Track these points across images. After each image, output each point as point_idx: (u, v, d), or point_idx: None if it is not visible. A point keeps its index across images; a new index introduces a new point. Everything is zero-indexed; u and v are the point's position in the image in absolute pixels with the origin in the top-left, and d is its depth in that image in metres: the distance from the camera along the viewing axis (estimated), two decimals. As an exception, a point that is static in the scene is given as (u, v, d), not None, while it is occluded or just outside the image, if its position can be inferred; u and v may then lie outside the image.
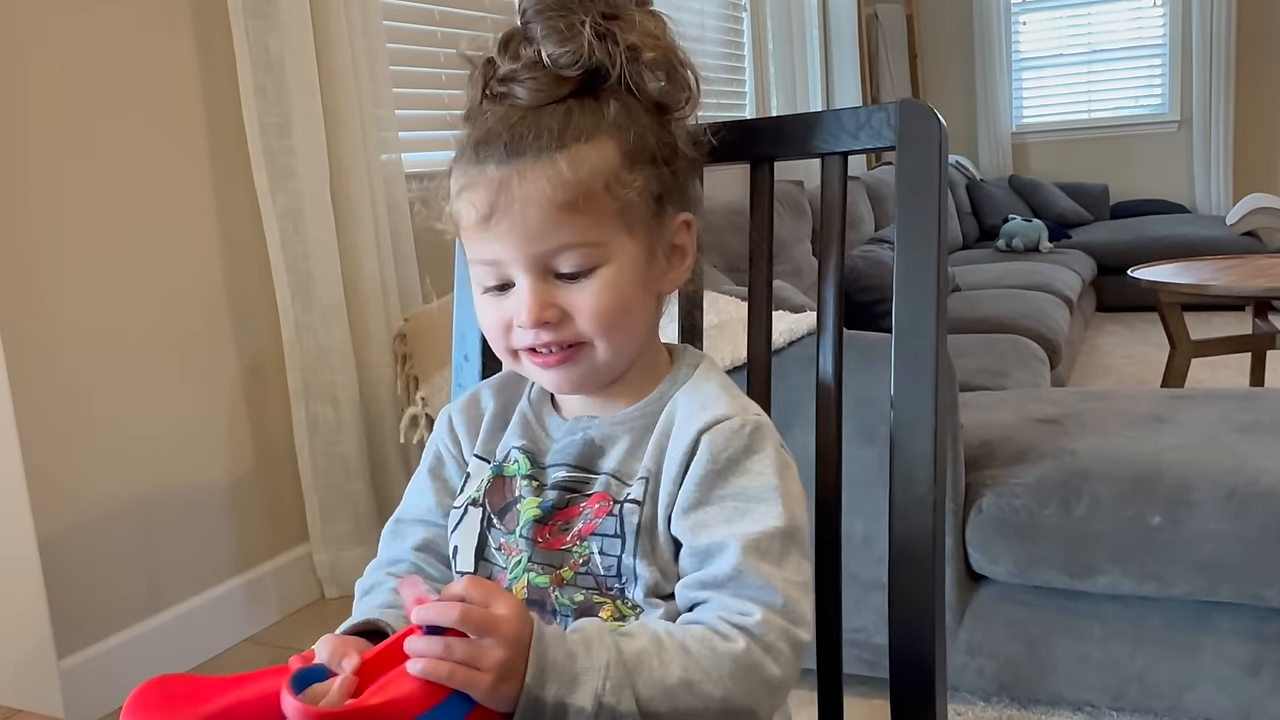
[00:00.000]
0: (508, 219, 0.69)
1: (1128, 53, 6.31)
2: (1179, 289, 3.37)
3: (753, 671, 0.64)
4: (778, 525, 0.68)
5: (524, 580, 0.73)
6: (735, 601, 0.66)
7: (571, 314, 0.71)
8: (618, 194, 0.71)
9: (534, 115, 0.71)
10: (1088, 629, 1.69)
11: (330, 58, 2.28)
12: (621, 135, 0.71)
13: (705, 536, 0.68)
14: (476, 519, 0.76)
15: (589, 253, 0.70)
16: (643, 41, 0.72)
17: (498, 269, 0.72)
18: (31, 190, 1.85)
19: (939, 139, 0.77)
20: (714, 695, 0.63)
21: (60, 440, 1.89)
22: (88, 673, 1.90)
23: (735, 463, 0.70)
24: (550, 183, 0.69)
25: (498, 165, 0.70)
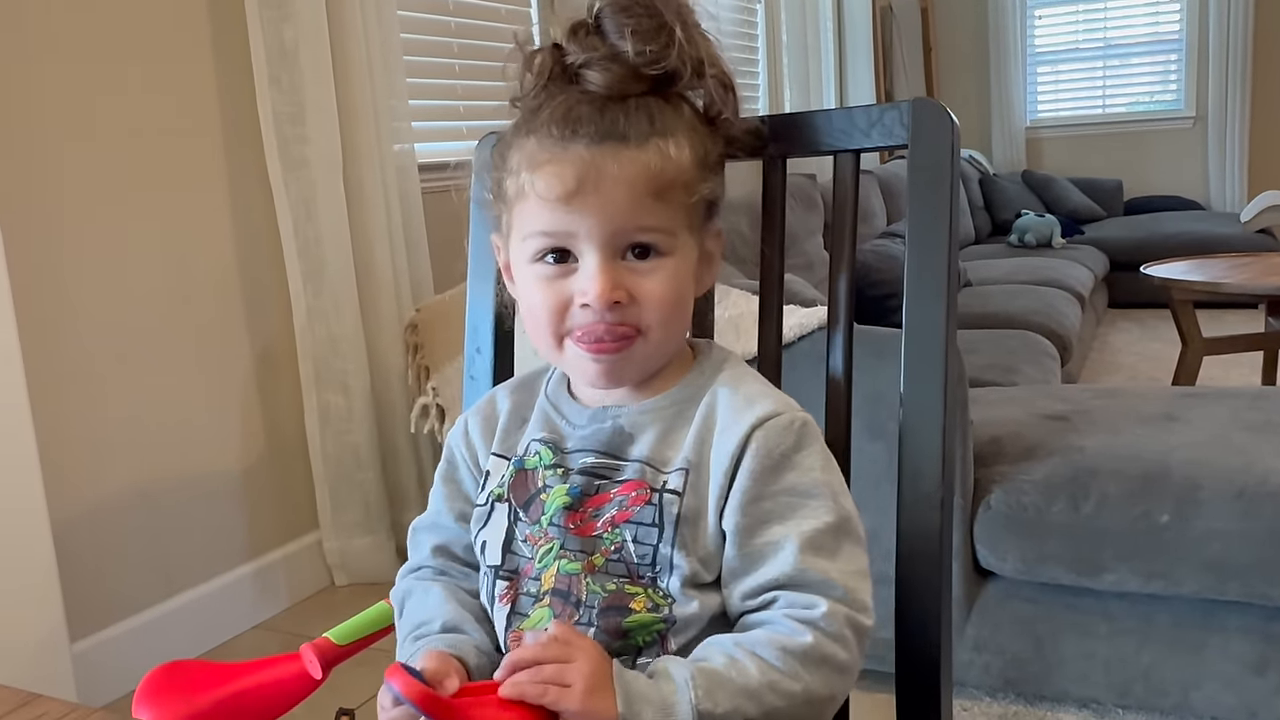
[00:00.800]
0: (596, 196, 0.71)
1: (1143, 48, 6.28)
2: (1192, 286, 3.36)
3: (825, 662, 0.66)
4: (830, 520, 0.70)
5: (554, 568, 0.73)
6: (800, 596, 0.68)
7: (637, 298, 0.72)
8: (691, 192, 0.74)
9: (620, 105, 0.73)
10: (1094, 626, 1.69)
11: (345, 48, 2.29)
12: (695, 139, 0.75)
13: (761, 536, 0.70)
14: (503, 514, 0.77)
15: (663, 240, 0.73)
16: (708, 57, 0.75)
17: (565, 240, 0.72)
18: (48, 178, 1.87)
19: (951, 137, 0.77)
20: (795, 690, 0.65)
21: (74, 427, 1.91)
22: (100, 657, 1.92)
23: (787, 459, 0.71)
24: (642, 169, 0.71)
25: (588, 145, 0.71)
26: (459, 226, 0.97)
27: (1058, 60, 6.47)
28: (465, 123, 2.92)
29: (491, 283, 0.94)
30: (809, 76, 5.03)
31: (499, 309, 0.94)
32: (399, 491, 2.48)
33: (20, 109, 1.82)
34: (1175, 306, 3.41)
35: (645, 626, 0.71)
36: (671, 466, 0.73)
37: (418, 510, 0.88)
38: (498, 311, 0.94)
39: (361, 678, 1.92)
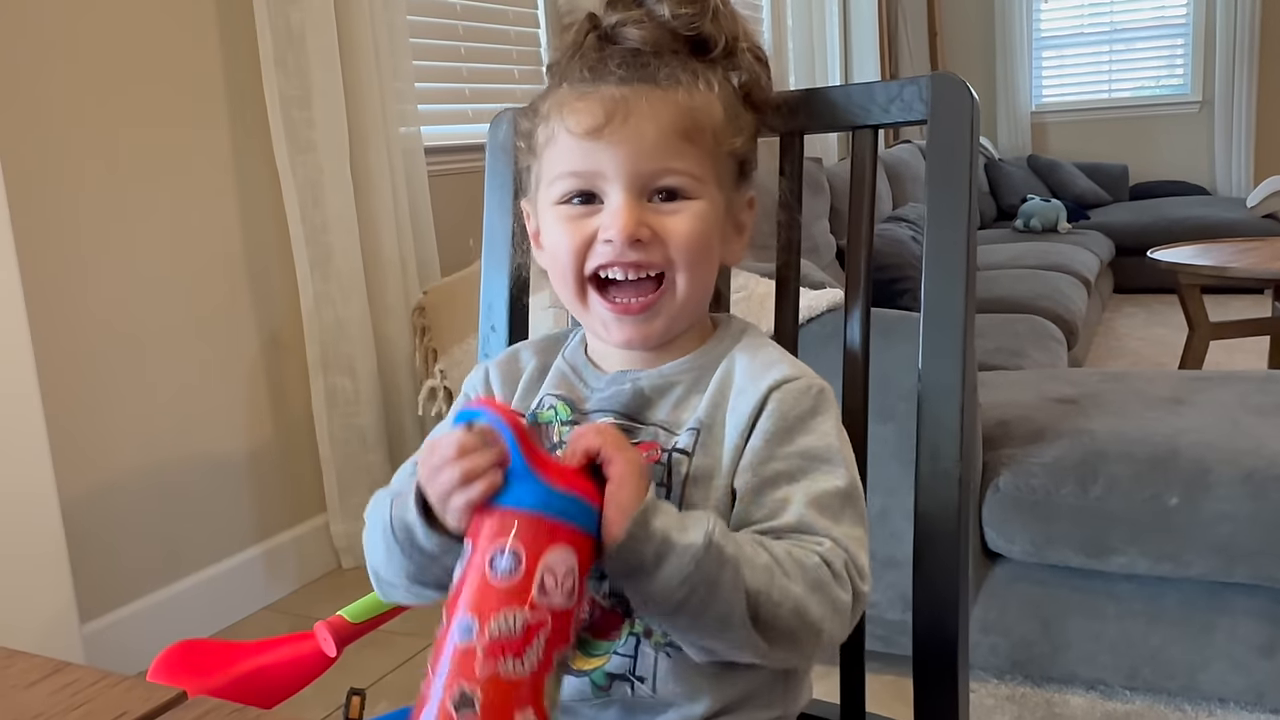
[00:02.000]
0: (623, 131, 0.71)
1: (1150, 32, 6.24)
2: (1199, 271, 3.35)
3: (824, 588, 0.66)
4: (840, 485, 0.70)
5: None
6: (805, 537, 0.68)
7: (661, 236, 0.72)
8: (720, 142, 0.74)
9: (654, 55, 0.74)
10: (1102, 608, 1.70)
11: (351, 30, 2.28)
12: (726, 96, 0.75)
13: (769, 494, 0.70)
14: None
15: (689, 182, 0.73)
16: (743, 31, 0.77)
17: (591, 181, 0.73)
18: (57, 163, 1.86)
19: (971, 113, 0.77)
20: (793, 591, 0.64)
21: (83, 410, 1.91)
22: (110, 638, 1.93)
23: (802, 421, 0.71)
24: (670, 109, 0.72)
25: (617, 84, 0.72)
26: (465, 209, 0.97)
27: (1063, 44, 6.44)
28: (471, 105, 2.91)
29: (506, 260, 0.93)
30: (814, 61, 5.02)
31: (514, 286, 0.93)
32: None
33: (29, 95, 1.81)
34: (1182, 291, 3.40)
35: None
36: (683, 428, 0.73)
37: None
38: (512, 289, 0.93)
39: (371, 658, 1.94)
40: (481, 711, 0.57)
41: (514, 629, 0.58)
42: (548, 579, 0.59)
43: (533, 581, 0.59)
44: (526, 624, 0.58)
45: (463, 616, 0.59)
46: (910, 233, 3.50)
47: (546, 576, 0.59)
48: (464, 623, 0.59)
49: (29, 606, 1.70)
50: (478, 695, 0.57)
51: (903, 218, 3.81)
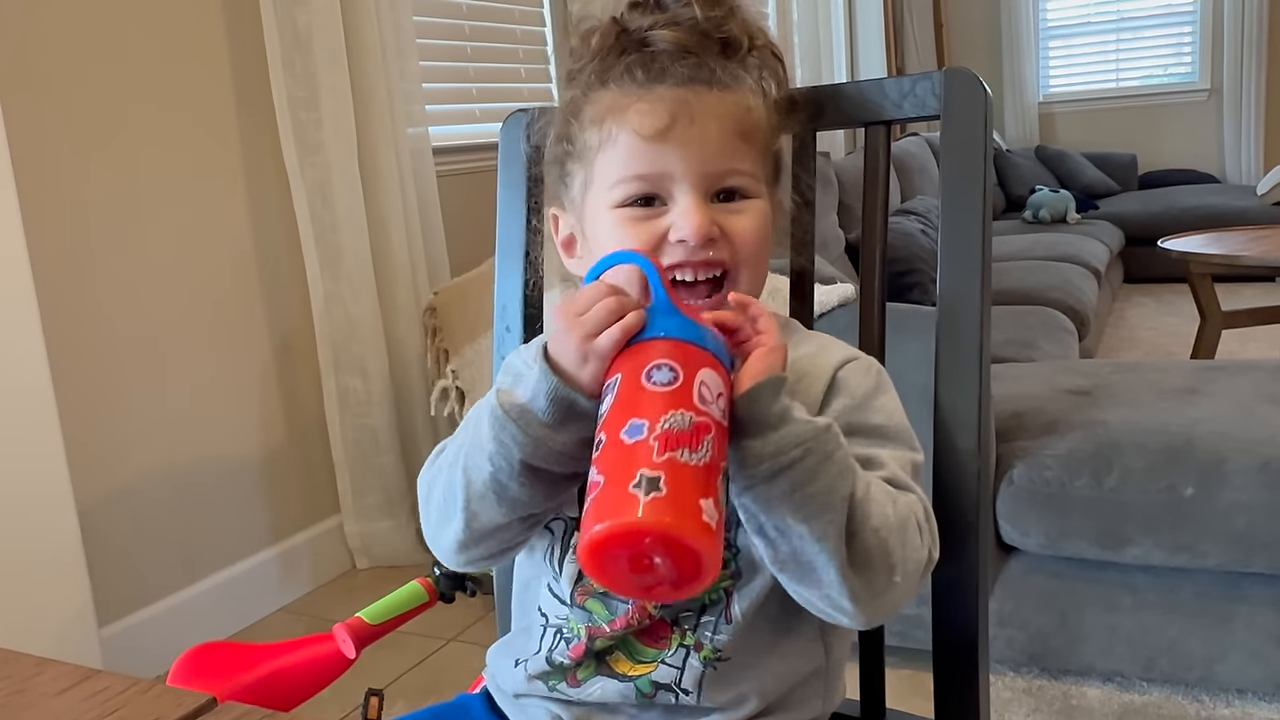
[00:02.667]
0: (690, 133, 0.71)
1: (1157, 20, 6.21)
2: (1210, 260, 3.34)
3: (908, 530, 0.66)
4: (915, 458, 0.71)
5: None
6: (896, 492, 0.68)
7: (729, 235, 0.72)
8: (770, 141, 0.76)
9: (696, 56, 0.74)
10: (1118, 600, 1.69)
11: (357, 32, 2.28)
12: (768, 105, 0.77)
13: (858, 452, 0.68)
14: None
15: (750, 182, 0.74)
16: (759, 30, 0.78)
17: (658, 183, 0.72)
18: (65, 165, 1.87)
19: (984, 108, 0.77)
20: (886, 515, 0.64)
21: (98, 414, 1.92)
22: (128, 641, 1.94)
23: (871, 398, 0.72)
24: (731, 109, 0.73)
25: (673, 86, 0.72)
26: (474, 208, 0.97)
27: (1070, 34, 6.41)
28: (478, 105, 2.91)
29: (520, 261, 0.94)
30: (820, 54, 5.00)
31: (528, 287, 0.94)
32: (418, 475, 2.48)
33: (40, 100, 1.82)
34: (1193, 280, 3.39)
35: (714, 587, 0.70)
36: None
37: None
38: (526, 290, 0.94)
39: (388, 659, 1.94)
40: (668, 492, 0.55)
41: (685, 424, 0.57)
42: (704, 390, 0.59)
43: (693, 389, 0.59)
44: (695, 423, 0.58)
45: (630, 421, 0.58)
46: (919, 226, 3.49)
47: (702, 388, 0.59)
48: (633, 425, 0.58)
49: (47, 611, 1.71)
50: (662, 478, 0.55)
51: (911, 210, 3.81)
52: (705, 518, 0.55)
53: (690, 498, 0.55)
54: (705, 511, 0.55)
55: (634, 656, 0.73)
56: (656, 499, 0.55)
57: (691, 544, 0.55)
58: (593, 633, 0.73)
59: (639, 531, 0.55)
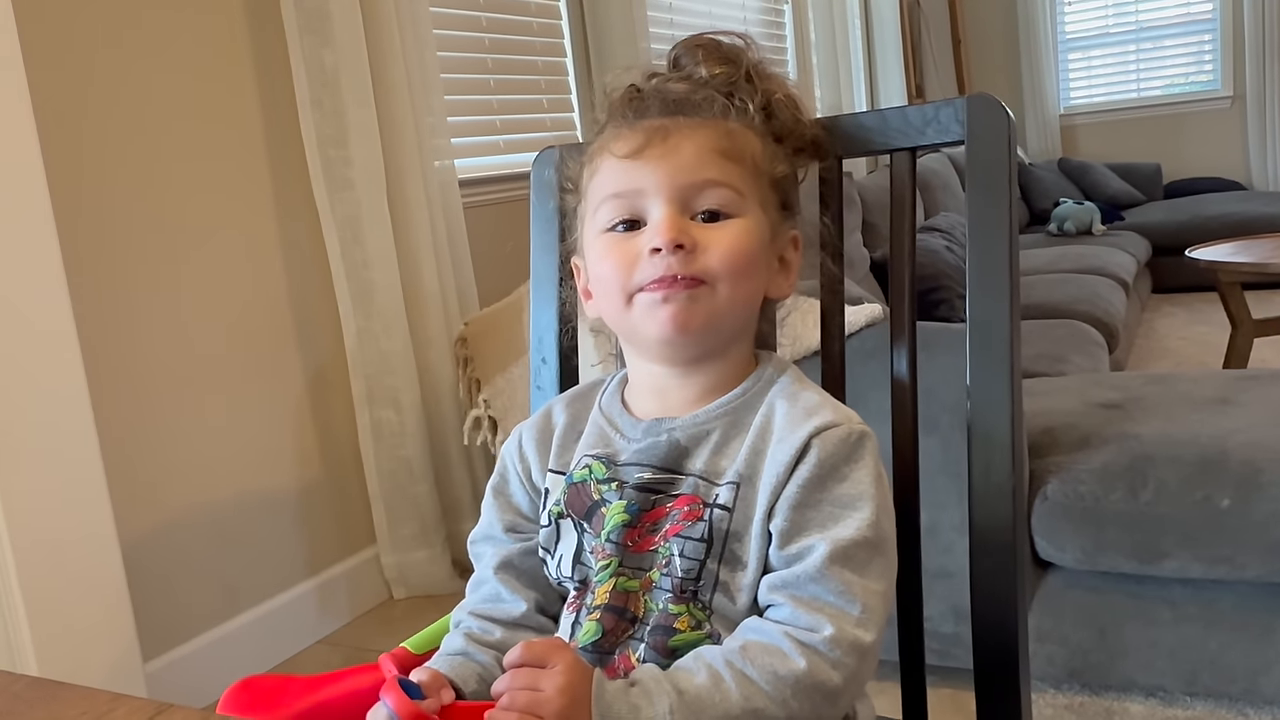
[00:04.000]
0: (662, 148, 0.74)
1: (1177, 29, 6.20)
2: (1239, 268, 3.32)
3: (816, 689, 0.66)
4: (867, 535, 0.69)
5: (610, 584, 0.73)
6: (807, 615, 0.67)
7: (704, 247, 0.73)
8: (760, 167, 0.77)
9: (690, 100, 0.77)
10: (1158, 613, 1.68)
11: (383, 69, 2.32)
12: (763, 138, 0.78)
13: (798, 540, 0.70)
14: (570, 528, 0.78)
15: (731, 196, 0.75)
16: (776, 85, 0.80)
17: (634, 201, 0.75)
18: (104, 208, 1.91)
19: (1008, 133, 0.78)
20: (778, 717, 0.65)
21: (139, 452, 1.95)
22: (172, 675, 1.96)
23: (837, 469, 0.71)
24: (709, 133, 0.75)
25: (657, 116, 0.76)
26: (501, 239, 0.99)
27: (1089, 45, 6.41)
28: (502, 136, 2.95)
29: (554, 293, 0.95)
30: (839, 74, 5.03)
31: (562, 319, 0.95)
32: (453, 504, 2.51)
33: (77, 139, 1.86)
34: (1223, 289, 3.37)
35: (691, 645, 0.71)
36: (723, 479, 0.73)
37: (472, 522, 0.89)
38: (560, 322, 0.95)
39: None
40: None
41: None
42: None
43: None
44: None
45: None
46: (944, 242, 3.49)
47: None
48: None
49: (94, 647, 1.74)
50: None
51: (935, 227, 3.81)
52: None
53: None
54: None
55: None
56: None
57: None
58: None
59: None
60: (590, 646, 0.73)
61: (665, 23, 3.60)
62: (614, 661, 0.73)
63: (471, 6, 2.84)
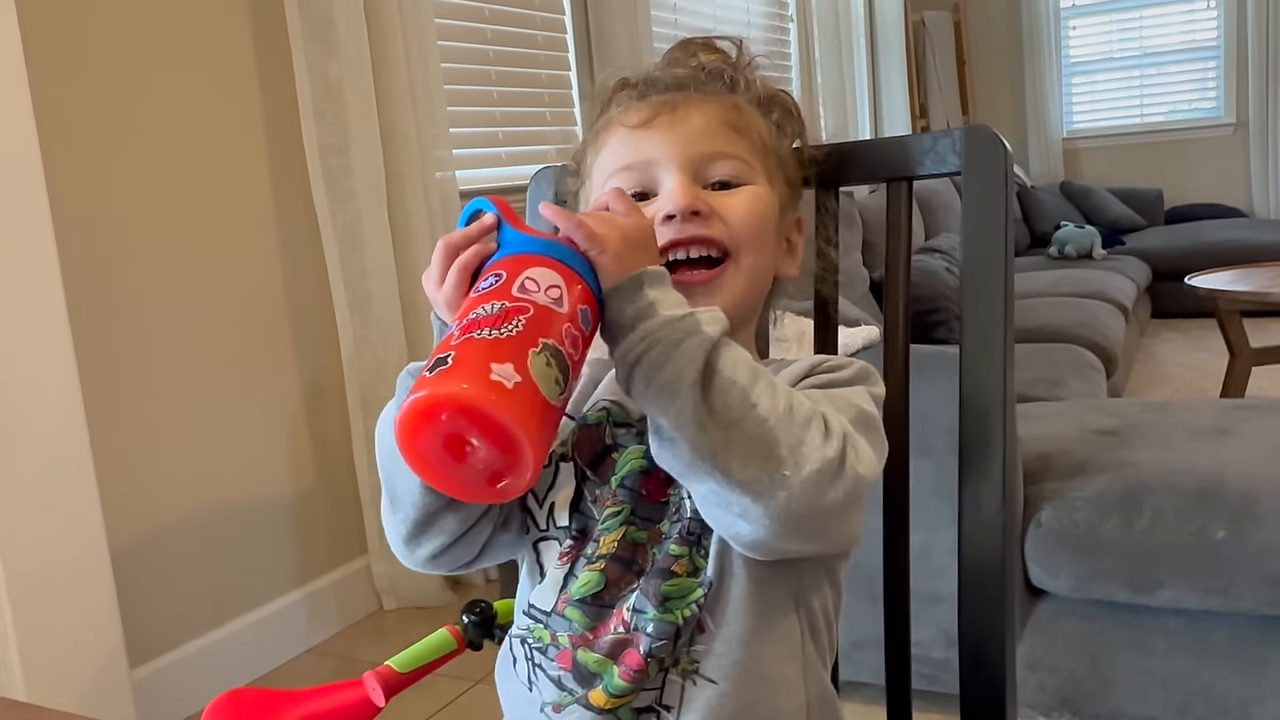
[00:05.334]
0: (671, 118, 0.74)
1: (1181, 55, 6.22)
2: (1238, 297, 3.32)
3: (805, 425, 0.61)
4: (864, 408, 0.67)
5: (619, 533, 0.70)
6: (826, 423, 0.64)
7: (721, 214, 0.73)
8: (768, 143, 0.77)
9: (698, 75, 0.78)
10: (1151, 643, 1.67)
11: (387, 80, 2.33)
12: (766, 118, 0.79)
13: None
14: (569, 473, 0.74)
15: (742, 167, 0.75)
16: (768, 90, 0.81)
17: (645, 172, 0.75)
18: (101, 214, 1.91)
19: (1005, 165, 0.78)
20: (777, 406, 0.61)
21: (132, 458, 1.95)
22: (158, 683, 1.95)
23: (831, 374, 0.70)
24: (717, 107, 0.75)
25: (663, 92, 0.77)
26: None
27: (1093, 70, 6.43)
28: (505, 149, 2.95)
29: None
30: (844, 92, 5.04)
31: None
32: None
33: (77, 147, 1.86)
34: (1222, 317, 3.37)
35: (682, 596, 0.68)
36: None
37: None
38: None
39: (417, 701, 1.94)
40: (453, 364, 0.55)
41: (493, 310, 0.57)
42: (529, 283, 0.60)
43: (513, 285, 0.59)
44: (505, 308, 0.58)
45: (452, 324, 0.60)
46: (944, 263, 3.49)
47: (528, 281, 0.60)
48: (449, 328, 0.59)
49: (80, 653, 1.73)
50: (452, 355, 0.55)
51: (936, 248, 3.81)
52: (494, 377, 0.54)
53: (478, 364, 0.54)
54: (495, 372, 0.54)
55: (612, 691, 0.69)
56: (441, 372, 0.54)
57: (476, 403, 0.53)
58: (576, 641, 0.71)
59: (425, 408, 0.54)
60: (589, 599, 0.70)
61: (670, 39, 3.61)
62: (610, 616, 0.70)
63: (476, 18, 2.85)
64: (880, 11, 5.45)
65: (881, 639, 0.87)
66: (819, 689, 0.72)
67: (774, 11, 4.71)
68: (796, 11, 4.82)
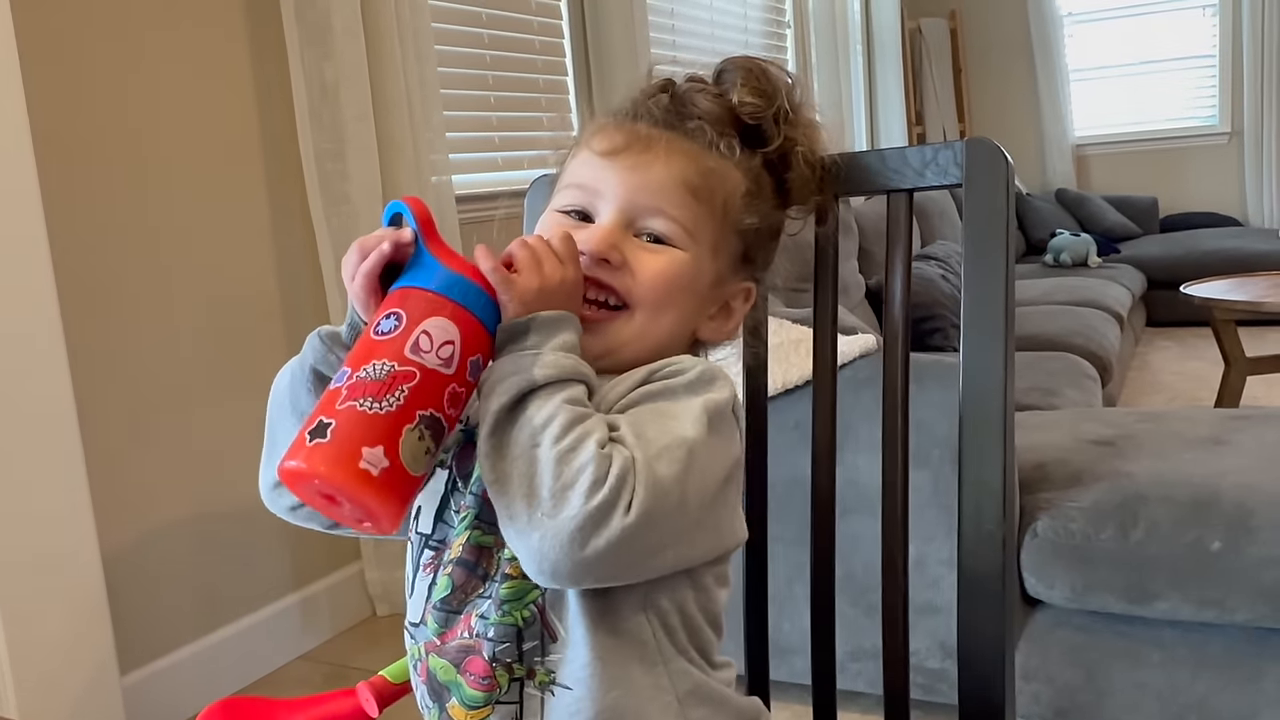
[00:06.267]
0: (634, 160, 0.74)
1: (1178, 64, 6.23)
2: (1233, 306, 3.32)
3: (568, 462, 0.60)
4: (680, 434, 0.64)
5: (464, 536, 0.71)
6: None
7: (632, 268, 0.72)
8: (729, 213, 0.75)
9: (698, 119, 0.76)
10: (1146, 655, 1.67)
11: (383, 84, 2.32)
12: (752, 185, 0.77)
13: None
14: (441, 480, 0.75)
15: (678, 232, 0.74)
16: (802, 137, 0.79)
17: (592, 198, 0.75)
18: (95, 215, 1.90)
19: (1006, 176, 0.78)
20: (550, 437, 0.61)
21: (124, 462, 1.94)
22: (149, 689, 1.94)
23: (668, 381, 0.68)
24: (685, 160, 0.74)
25: (649, 126, 0.76)
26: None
27: (1090, 78, 6.44)
28: (501, 153, 2.95)
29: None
30: (840, 100, 5.05)
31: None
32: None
33: (71, 154, 1.85)
34: (1217, 326, 3.37)
35: (519, 598, 0.68)
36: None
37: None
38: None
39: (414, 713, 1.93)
40: (332, 438, 0.58)
41: (379, 374, 0.61)
42: (423, 340, 0.62)
43: (408, 339, 0.62)
44: (392, 373, 0.61)
45: (342, 368, 0.63)
46: (940, 271, 3.50)
47: (422, 337, 0.62)
48: (340, 373, 0.63)
49: (70, 659, 1.71)
50: (332, 425, 0.59)
51: (932, 255, 3.81)
52: (363, 464, 0.58)
53: (352, 446, 0.58)
54: (366, 458, 0.58)
55: (466, 703, 0.70)
56: (319, 445, 0.59)
57: (344, 489, 0.58)
58: (429, 648, 0.73)
59: (300, 474, 0.59)
60: (439, 604, 0.72)
61: (668, 44, 3.61)
62: (458, 622, 0.71)
63: (473, 22, 2.84)
64: (877, 19, 5.46)
65: (879, 649, 0.86)
66: (690, 683, 0.71)
67: (771, 19, 4.72)
68: (793, 18, 4.83)
